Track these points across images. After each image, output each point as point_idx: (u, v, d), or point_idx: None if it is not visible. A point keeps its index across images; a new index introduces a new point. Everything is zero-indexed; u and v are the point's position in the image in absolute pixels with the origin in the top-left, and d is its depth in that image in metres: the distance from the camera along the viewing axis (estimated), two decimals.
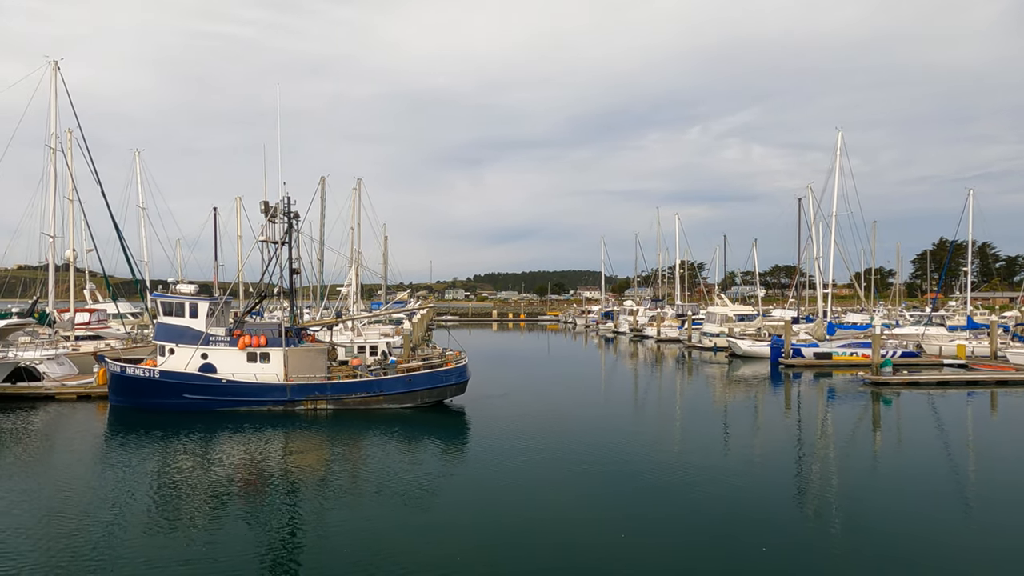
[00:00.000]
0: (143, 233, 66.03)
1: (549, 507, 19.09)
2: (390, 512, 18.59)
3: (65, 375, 40.78)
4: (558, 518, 18.14)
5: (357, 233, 68.46)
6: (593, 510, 18.90)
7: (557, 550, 15.80)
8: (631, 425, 32.24)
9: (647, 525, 17.56)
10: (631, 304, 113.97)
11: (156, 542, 16.17)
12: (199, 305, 34.67)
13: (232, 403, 33.63)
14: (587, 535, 16.83)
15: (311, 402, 33.83)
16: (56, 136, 45.75)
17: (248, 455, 25.61)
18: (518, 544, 16.20)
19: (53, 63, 44.93)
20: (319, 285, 62.43)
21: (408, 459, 24.97)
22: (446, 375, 35.48)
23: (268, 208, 36.31)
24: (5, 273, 63.55)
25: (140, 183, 66.71)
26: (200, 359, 34.09)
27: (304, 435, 29.05)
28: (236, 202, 72.76)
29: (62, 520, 17.81)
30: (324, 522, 17.77)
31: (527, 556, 15.47)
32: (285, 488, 21.14)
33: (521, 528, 17.34)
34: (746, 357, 61.88)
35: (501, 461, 24.25)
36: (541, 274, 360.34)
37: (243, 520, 17.94)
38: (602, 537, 16.63)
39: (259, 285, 40.24)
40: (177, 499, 19.98)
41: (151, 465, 24.02)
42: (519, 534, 16.88)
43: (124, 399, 34.80)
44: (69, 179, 48.28)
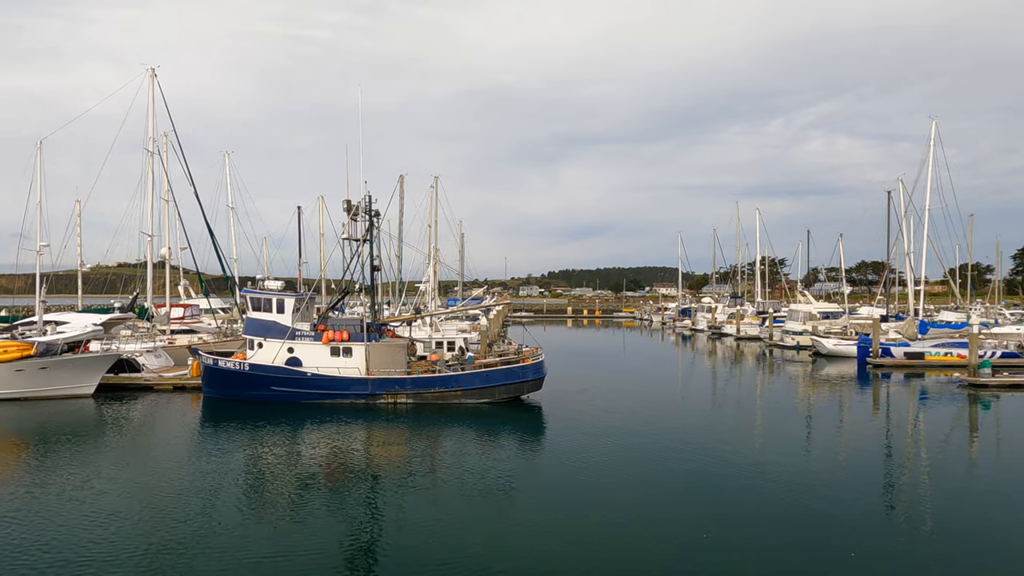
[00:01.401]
0: (232, 232, 68.90)
1: (629, 504, 18.95)
2: (470, 506, 18.83)
3: (162, 367, 43.01)
4: (638, 516, 17.99)
5: (434, 230, 69.52)
6: (673, 508, 18.66)
7: (639, 547, 15.68)
8: (710, 423, 31.65)
9: (730, 525, 17.22)
10: (709, 301, 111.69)
11: (245, 530, 16.87)
12: (286, 301, 35.96)
13: (316, 396, 34.74)
14: (668, 533, 16.64)
15: (391, 396, 34.60)
16: (153, 140, 48.23)
17: (332, 447, 26.41)
18: (599, 541, 16.15)
19: (150, 70, 47.36)
20: (398, 281, 63.70)
21: (486, 454, 25.24)
22: (523, 371, 35.66)
23: (350, 206, 37.25)
24: (107, 270, 67.50)
25: (229, 184, 69.57)
26: (287, 353, 35.36)
27: (385, 428, 29.74)
28: (318, 201, 75.09)
29: (159, 504, 18.81)
30: (405, 514, 18.15)
31: (609, 553, 15.40)
32: (367, 480, 21.70)
33: (601, 524, 17.27)
34: (831, 356, 59.77)
35: (579, 457, 24.22)
36: (616, 270, 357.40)
37: (327, 511, 18.52)
38: (684, 536, 16.41)
39: (341, 281, 41.37)
40: (265, 488, 20.82)
41: (241, 454, 25.11)
42: (600, 530, 16.82)
43: (216, 390, 36.45)
44: (165, 181, 50.84)
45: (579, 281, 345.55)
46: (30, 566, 14.47)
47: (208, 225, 50.08)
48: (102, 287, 66.26)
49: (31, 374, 35.75)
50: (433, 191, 70.00)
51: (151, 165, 48.19)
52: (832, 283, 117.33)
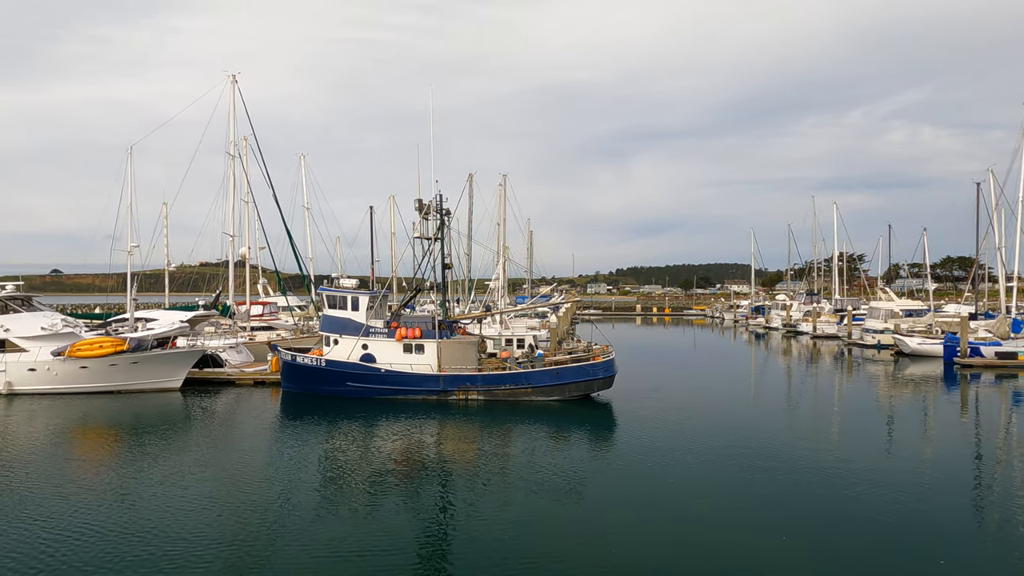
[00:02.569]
0: (308, 231, 70.62)
1: (702, 504, 18.69)
2: (541, 504, 18.91)
3: (243, 362, 44.68)
4: (712, 515, 17.72)
5: (503, 228, 69.78)
6: (749, 509, 18.29)
7: (714, 548, 15.46)
8: (786, 424, 30.85)
9: (809, 529, 16.78)
10: (784, 298, 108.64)
11: (321, 523, 17.38)
12: (360, 299, 36.84)
13: (390, 391, 35.47)
14: (744, 535, 16.32)
15: (463, 392, 35.02)
16: (234, 144, 50.08)
17: (405, 442, 26.94)
18: (672, 540, 16.00)
19: (231, 77, 49.15)
20: (467, 279, 64.30)
21: (557, 452, 25.27)
22: (593, 369, 35.54)
23: (422, 206, 37.86)
24: (191, 269, 70.45)
25: (305, 185, 71.48)
26: (361, 349, 36.21)
27: (456, 424, 30.13)
28: (390, 201, 76.24)
29: (241, 495, 19.57)
30: (476, 511, 18.34)
31: (683, 554, 15.25)
32: (439, 476, 22.05)
33: (674, 525, 17.09)
34: (915, 356, 57.32)
35: (650, 456, 24.00)
36: (686, 267, 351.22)
37: (400, 505, 18.90)
38: (760, 538, 16.06)
39: (413, 279, 42.07)
40: (341, 481, 21.41)
41: (318, 448, 25.89)
42: (673, 531, 16.65)
43: (294, 385, 37.66)
44: (245, 183, 52.70)
45: (648, 278, 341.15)
46: (123, 552, 15.29)
47: (286, 225, 51.69)
48: (187, 285, 69.18)
49: (124, 368, 37.74)
50: (502, 189, 70.29)
51: (232, 168, 50.07)
52: (915, 279, 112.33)
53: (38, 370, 37.36)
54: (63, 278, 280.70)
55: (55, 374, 37.35)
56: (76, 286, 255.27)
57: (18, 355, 37.66)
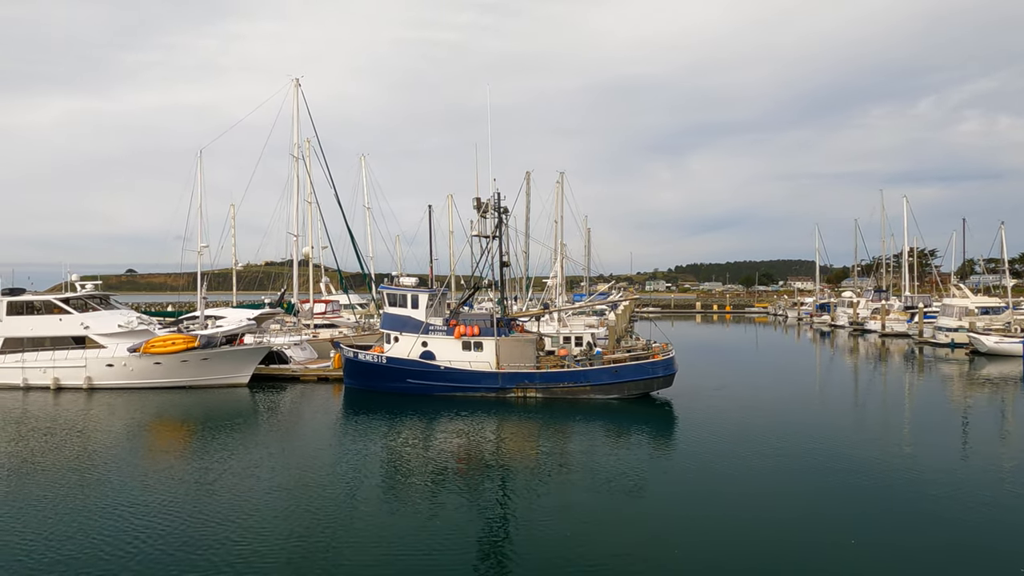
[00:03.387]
0: (368, 230, 71.83)
1: (767, 504, 18.31)
2: (601, 502, 18.85)
3: (307, 359, 45.83)
4: (777, 516, 17.35)
5: (560, 226, 69.65)
6: (816, 510, 17.84)
7: (779, 549, 15.15)
8: (854, 424, 29.95)
9: (879, 532, 16.26)
10: (850, 295, 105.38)
11: (383, 518, 17.69)
12: (420, 297, 37.33)
13: (449, 388, 35.85)
14: (810, 536, 15.95)
15: (521, 390, 35.14)
16: (298, 146, 51.34)
17: (464, 438, 27.19)
18: (737, 541, 15.72)
19: (295, 81, 50.40)
20: (525, 277, 64.42)
21: (617, 450, 25.12)
22: (653, 367, 35.19)
23: (480, 204, 38.13)
24: (257, 269, 72.56)
25: (366, 185, 72.72)
26: (421, 347, 36.70)
27: (515, 422, 30.25)
28: (448, 200, 76.97)
29: (305, 489, 20.07)
30: (535, 509, 18.37)
31: (748, 554, 14.98)
32: (498, 473, 22.18)
33: (738, 525, 16.80)
34: (991, 355, 54.86)
35: (712, 455, 23.63)
36: (747, 264, 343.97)
37: (461, 500, 19.09)
38: (828, 540, 15.66)
39: (471, 277, 42.39)
40: (401, 477, 21.76)
41: (379, 443, 26.37)
42: (737, 531, 16.38)
43: (356, 382, 38.43)
44: (308, 184, 53.93)
45: (708, 275, 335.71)
46: (197, 539, 15.91)
47: (347, 225, 52.70)
48: (253, 284, 71.29)
49: (195, 364, 39.15)
50: (559, 187, 70.15)
51: (296, 170, 51.34)
52: (992, 275, 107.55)
53: (115, 366, 39.09)
54: (138, 277, 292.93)
55: (131, 370, 39.02)
56: (150, 285, 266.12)
57: (97, 351, 39.50)
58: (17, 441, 26.75)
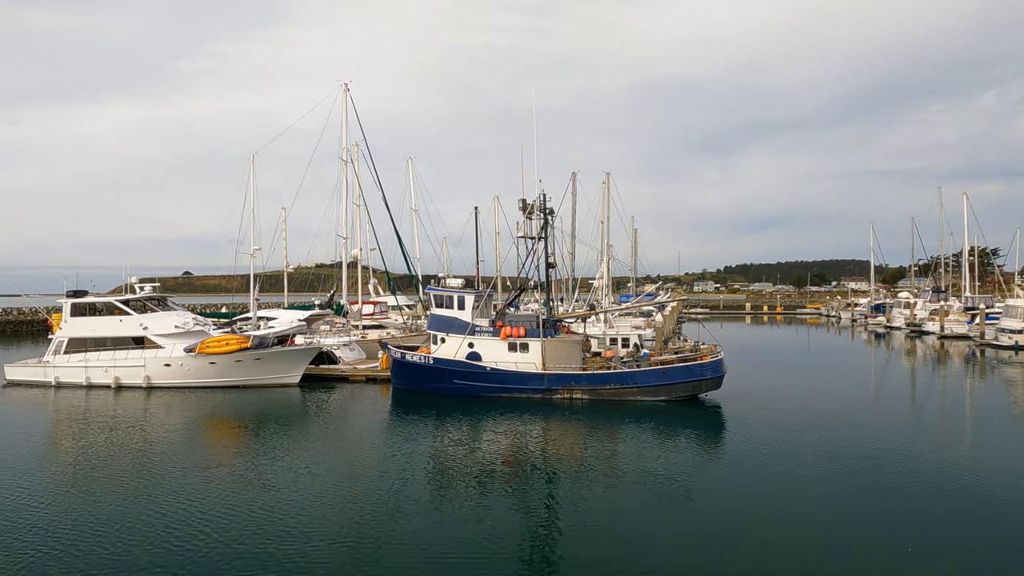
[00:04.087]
0: (415, 232, 72.66)
1: (819, 511, 17.89)
2: (648, 506, 18.68)
3: (356, 359, 46.50)
4: (830, 523, 16.93)
5: (607, 226, 69.30)
6: (870, 518, 17.31)
7: (831, 556, 14.80)
8: (912, 429, 29.07)
9: (937, 540, 15.76)
10: (906, 296, 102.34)
11: (429, 517, 17.82)
12: (466, 298, 37.56)
13: (495, 389, 35.97)
14: (865, 544, 15.51)
15: (567, 391, 35.05)
16: (346, 150, 52.16)
17: (510, 439, 27.24)
18: (788, 548, 15.40)
19: (343, 86, 51.23)
20: (571, 278, 64.25)
21: (664, 453, 24.85)
22: (701, 369, 34.74)
23: (525, 205, 38.18)
24: (307, 271, 73.92)
25: (413, 187, 73.51)
26: (467, 348, 36.92)
27: (561, 423, 30.19)
28: (494, 201, 77.31)
29: (353, 488, 20.38)
30: (581, 511, 18.28)
31: (798, 561, 14.67)
32: (544, 474, 22.16)
33: (790, 531, 16.46)
34: None
35: (764, 459, 23.19)
36: (799, 264, 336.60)
37: (507, 501, 19.14)
38: (883, 548, 15.24)
39: (517, 279, 42.45)
40: (448, 477, 21.88)
41: (426, 443, 26.60)
42: (788, 537, 16.04)
43: (404, 382, 38.85)
44: (357, 187, 54.73)
45: (758, 276, 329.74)
46: (248, 534, 16.28)
47: (395, 227, 53.25)
48: (304, 286, 72.64)
49: (248, 364, 40.09)
50: (605, 187, 69.82)
51: (345, 173, 52.16)
52: None
53: (172, 365, 40.26)
54: (193, 279, 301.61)
55: (187, 369, 40.14)
56: (205, 287, 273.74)
57: (155, 351, 40.76)
58: (82, 438, 27.78)
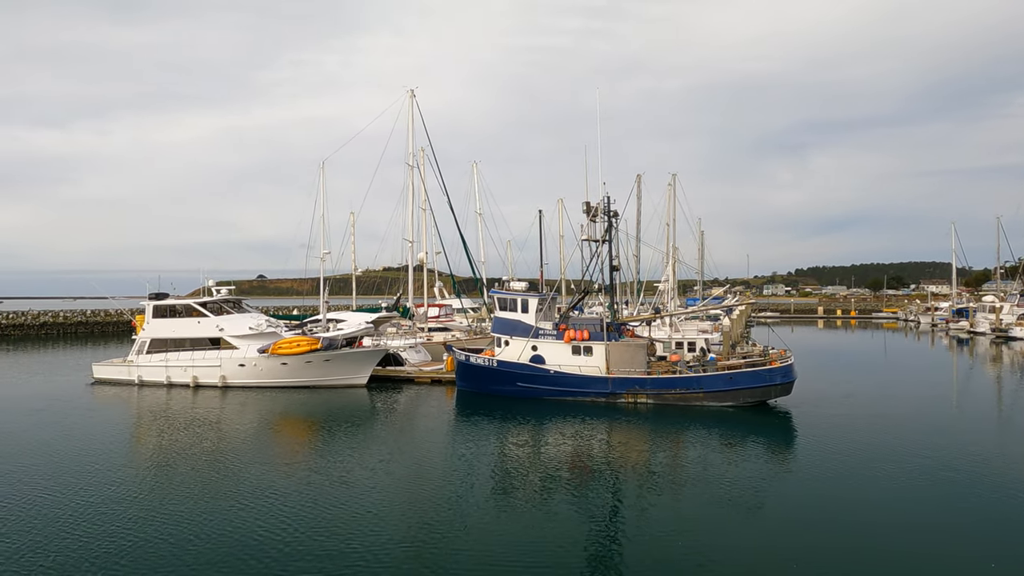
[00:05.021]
0: (480, 236, 73.24)
1: (897, 525, 17.17)
2: (716, 512, 18.31)
3: (421, 361, 47.20)
4: (909, 538, 16.24)
5: (672, 228, 68.46)
6: (952, 533, 16.57)
7: (910, 568, 14.23)
8: (997, 440, 27.67)
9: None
10: (992, 299, 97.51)
11: (494, 520, 17.92)
12: (530, 301, 37.66)
13: (558, 392, 35.91)
14: (945, 562, 14.87)
15: (631, 395, 34.73)
16: (413, 155, 53.03)
17: (574, 443, 27.15)
18: (862, 562, 14.87)
19: (410, 92, 52.15)
20: (636, 281, 63.69)
21: (732, 459, 24.33)
22: (770, 374, 33.90)
23: (589, 208, 38.04)
24: (375, 274, 75.42)
25: (477, 191, 74.14)
26: (531, 351, 37.00)
27: (625, 428, 29.92)
28: (558, 204, 77.23)
29: (419, 489, 20.66)
30: (646, 517, 18.07)
31: (875, 574, 14.17)
32: (608, 478, 21.99)
33: (864, 544, 15.84)
34: None
35: (837, 469, 22.45)
36: (874, 266, 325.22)
37: (571, 505, 19.06)
38: (964, 565, 14.57)
39: (581, 282, 42.31)
40: (512, 480, 21.96)
41: (490, 445, 26.76)
42: (862, 553, 15.45)
43: (468, 384, 39.21)
44: (423, 192, 55.60)
45: (831, 278, 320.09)
46: (314, 531, 16.71)
47: (460, 231, 53.95)
48: (371, 289, 74.19)
49: (317, 365, 41.16)
50: (671, 189, 68.99)
51: (411, 178, 53.05)
52: None
53: (246, 365, 41.68)
54: (267, 282, 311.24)
55: (260, 369, 41.48)
56: (277, 290, 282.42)
57: (231, 352, 42.28)
58: (164, 435, 29.06)
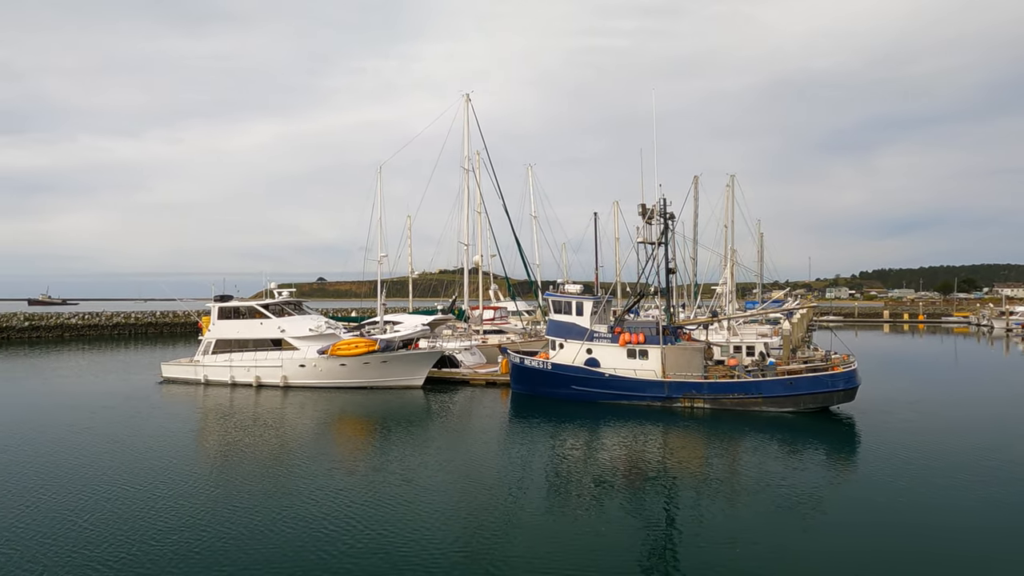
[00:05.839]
0: (535, 238, 73.33)
1: (964, 538, 16.55)
2: (774, 522, 17.94)
3: (477, 364, 47.51)
4: (978, 552, 15.65)
5: (731, 231, 67.35)
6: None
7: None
8: None
9: None
10: None
11: (547, 524, 17.91)
12: (585, 304, 37.55)
13: (613, 396, 35.69)
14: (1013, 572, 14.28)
15: (688, 400, 34.27)
16: (468, 159, 53.49)
17: (629, 447, 26.95)
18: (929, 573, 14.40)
19: (465, 96, 52.65)
20: (693, 284, 62.88)
21: (792, 467, 23.77)
22: (832, 379, 33.00)
23: (645, 210, 37.72)
24: (431, 276, 76.25)
25: (532, 194, 74.27)
26: (585, 354, 36.87)
27: (681, 433, 29.55)
28: (613, 206, 76.77)
29: (473, 490, 20.81)
30: (702, 524, 17.81)
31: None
32: (664, 484, 21.75)
33: (929, 559, 15.35)
34: None
35: (902, 480, 21.70)
36: (944, 269, 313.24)
37: (625, 511, 18.92)
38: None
39: (636, 284, 41.98)
40: (566, 483, 21.92)
41: (544, 448, 26.78)
42: (928, 564, 14.97)
43: (522, 387, 39.31)
44: (478, 195, 56.01)
45: (897, 281, 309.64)
46: (369, 528, 17.02)
47: (515, 234, 54.14)
48: (428, 291, 74.97)
49: (375, 366, 41.87)
50: (729, 190, 67.87)
51: (466, 181, 53.52)
52: None
53: (307, 366, 42.67)
54: (326, 285, 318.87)
55: (320, 370, 42.42)
56: (336, 292, 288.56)
57: (292, 353, 43.36)
58: (229, 432, 30.00)
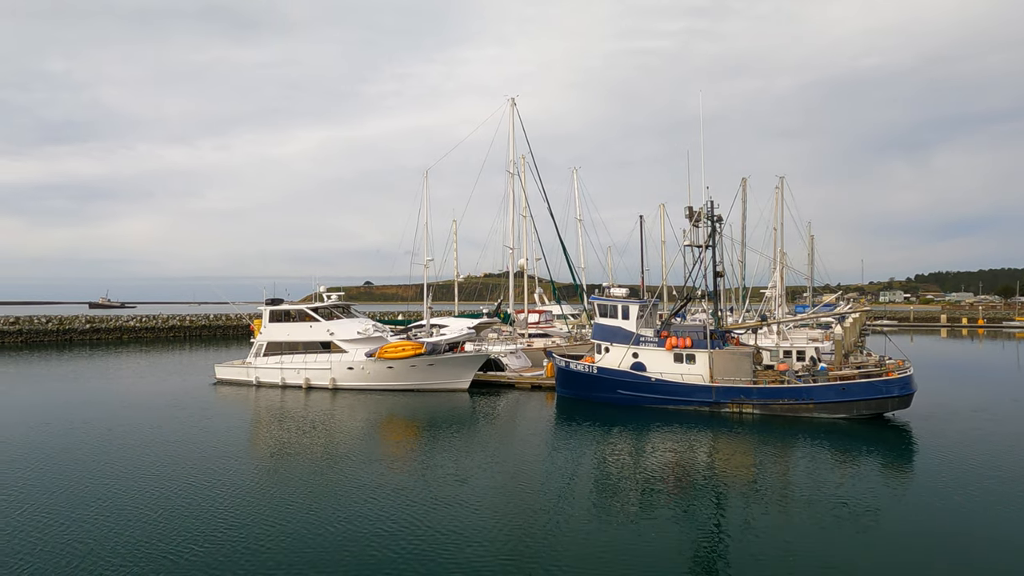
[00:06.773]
0: (580, 242, 73.07)
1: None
2: (826, 531, 17.58)
3: (522, 367, 47.61)
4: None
5: (780, 233, 65.97)
6: None
7: None
8: None
9: None
10: None
11: (593, 528, 17.88)
12: (630, 307, 37.33)
13: (660, 401, 35.38)
14: None
15: (736, 405, 33.78)
16: (513, 163, 53.68)
17: (677, 453, 26.69)
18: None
19: (511, 100, 52.87)
20: (741, 287, 61.87)
21: (844, 476, 23.25)
22: (887, 385, 32.15)
23: (692, 213, 37.35)
24: (476, 280, 76.66)
25: (577, 197, 74.05)
26: (631, 358, 36.63)
27: (730, 439, 29.14)
28: (660, 209, 76.05)
29: (518, 494, 20.89)
30: (752, 531, 17.54)
31: None
32: (711, 491, 21.49)
33: (988, 572, 14.87)
34: None
35: (961, 490, 21.01)
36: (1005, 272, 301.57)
37: (672, 517, 18.75)
38: None
39: (683, 288, 41.55)
40: (613, 488, 21.84)
41: (590, 452, 26.71)
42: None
43: (568, 391, 39.24)
44: (523, 199, 56.16)
45: (955, 285, 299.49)
46: (415, 529, 17.22)
47: (560, 237, 54.15)
48: (473, 295, 75.47)
49: (421, 369, 42.29)
50: (778, 192, 66.47)
51: (512, 185, 53.71)
52: None
53: (355, 368, 43.33)
54: (373, 289, 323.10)
55: (367, 372, 43.02)
56: (383, 295, 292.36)
57: (340, 355, 44.08)
58: (281, 433, 30.70)
